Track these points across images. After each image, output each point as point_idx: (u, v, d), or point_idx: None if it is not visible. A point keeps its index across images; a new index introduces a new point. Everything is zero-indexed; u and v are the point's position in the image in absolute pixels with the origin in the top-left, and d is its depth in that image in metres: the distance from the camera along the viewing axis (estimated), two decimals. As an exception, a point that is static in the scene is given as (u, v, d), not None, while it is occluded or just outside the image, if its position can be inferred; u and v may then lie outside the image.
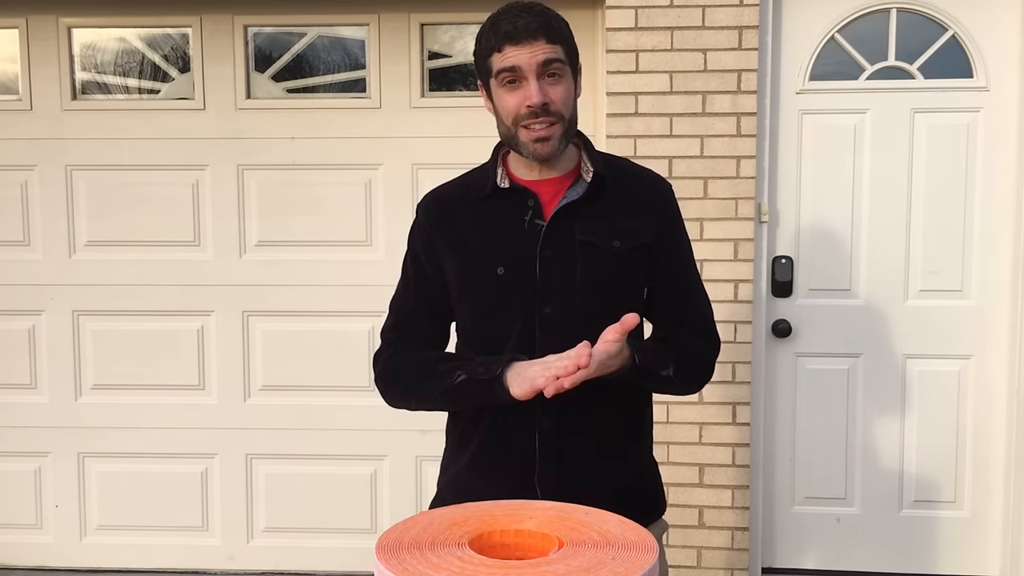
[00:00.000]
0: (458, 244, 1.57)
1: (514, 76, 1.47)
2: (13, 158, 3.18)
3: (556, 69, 1.47)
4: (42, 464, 3.28)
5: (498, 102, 1.51)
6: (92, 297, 3.20)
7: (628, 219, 1.56)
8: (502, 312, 1.53)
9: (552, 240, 1.52)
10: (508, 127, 1.51)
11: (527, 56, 1.45)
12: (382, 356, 1.64)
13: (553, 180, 1.56)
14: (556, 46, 1.47)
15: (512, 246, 1.53)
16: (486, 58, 1.50)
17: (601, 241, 1.53)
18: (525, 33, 1.45)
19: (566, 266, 1.52)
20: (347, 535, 3.22)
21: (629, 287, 1.57)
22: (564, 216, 1.53)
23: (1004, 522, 3.02)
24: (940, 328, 3.00)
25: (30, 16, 3.14)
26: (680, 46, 2.82)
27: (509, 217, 1.54)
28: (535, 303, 1.52)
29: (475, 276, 1.55)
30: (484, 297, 1.55)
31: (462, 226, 1.57)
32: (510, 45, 1.45)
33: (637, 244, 1.55)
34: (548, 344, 1.49)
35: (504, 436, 1.55)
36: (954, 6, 2.89)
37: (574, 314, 1.51)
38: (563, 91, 1.49)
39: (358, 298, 3.13)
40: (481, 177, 1.59)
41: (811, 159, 2.97)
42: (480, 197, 1.57)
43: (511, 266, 1.52)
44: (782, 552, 3.11)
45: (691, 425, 2.90)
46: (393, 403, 1.62)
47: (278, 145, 3.13)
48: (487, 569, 1.05)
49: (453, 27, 3.11)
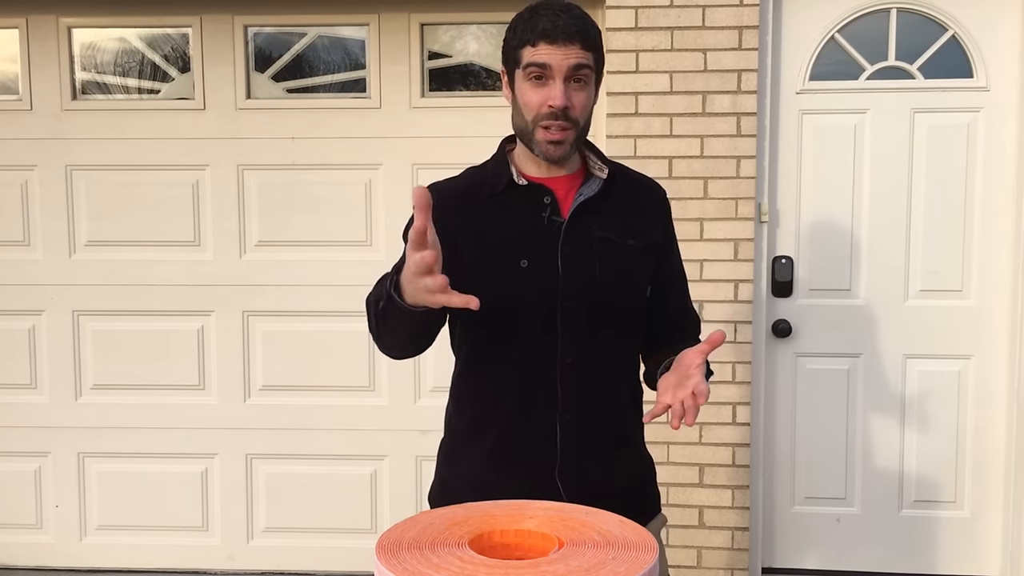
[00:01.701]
0: (477, 234, 1.55)
1: (542, 73, 1.46)
2: (13, 158, 3.18)
3: (583, 76, 1.48)
4: (42, 464, 3.28)
5: (520, 94, 1.51)
6: (92, 297, 3.20)
7: (639, 218, 1.59)
8: (523, 306, 1.53)
9: (572, 236, 1.53)
10: (526, 122, 1.51)
11: (560, 57, 1.45)
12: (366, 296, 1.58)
13: (563, 178, 1.57)
14: (589, 54, 1.47)
15: (531, 241, 1.53)
16: (517, 49, 1.49)
17: (618, 238, 1.55)
18: (564, 35, 1.44)
19: (585, 262, 1.53)
20: (347, 535, 3.22)
21: (639, 285, 1.60)
22: (581, 213, 1.55)
23: (1004, 522, 3.02)
24: (940, 328, 3.00)
25: (30, 16, 3.14)
26: (680, 46, 2.82)
27: (527, 213, 1.55)
28: (556, 297, 1.53)
29: (495, 268, 1.54)
30: (503, 289, 1.53)
31: (480, 218, 1.56)
32: (545, 43, 1.45)
33: (649, 243, 1.59)
34: (570, 338, 1.53)
35: (525, 431, 1.55)
36: (954, 6, 2.89)
37: (592, 309, 1.54)
38: (585, 99, 1.49)
39: (358, 298, 3.08)
40: (492, 174, 1.59)
41: (811, 159, 2.97)
42: (494, 193, 1.57)
43: (534, 260, 1.53)
44: (782, 552, 3.11)
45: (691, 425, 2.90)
46: (384, 351, 1.56)
47: (278, 145, 3.13)
48: (487, 569, 1.05)
49: (453, 27, 3.11)
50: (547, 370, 1.53)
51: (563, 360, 1.53)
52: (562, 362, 1.53)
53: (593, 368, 1.55)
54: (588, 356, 1.54)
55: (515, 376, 1.55)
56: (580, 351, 1.54)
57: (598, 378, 1.56)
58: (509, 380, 1.56)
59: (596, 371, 1.55)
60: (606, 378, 1.57)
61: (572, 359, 1.53)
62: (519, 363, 1.55)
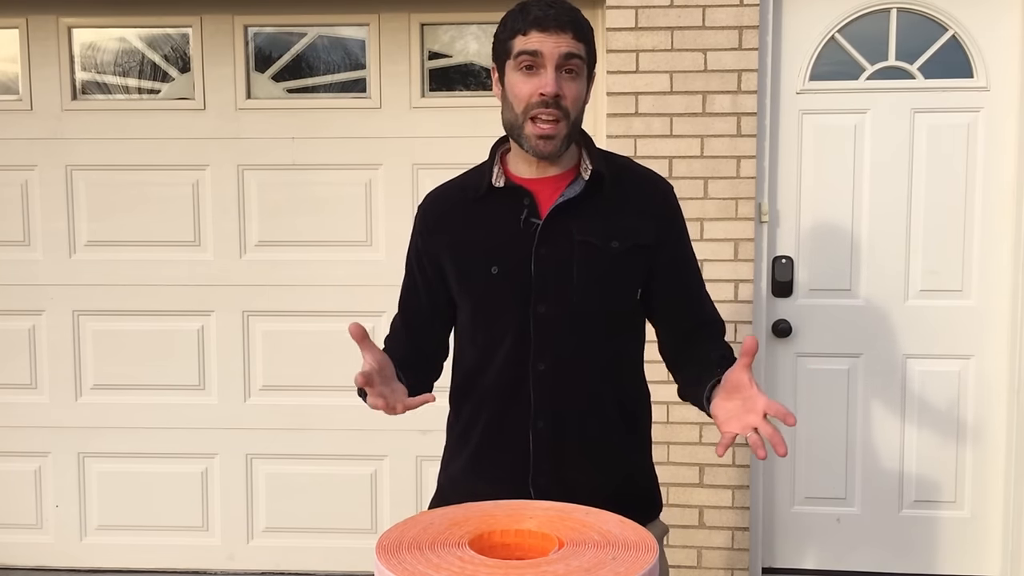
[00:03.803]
0: (456, 244, 1.57)
1: (533, 62, 1.45)
2: (13, 158, 3.18)
3: (574, 66, 1.47)
4: (42, 464, 3.28)
5: (510, 87, 1.49)
6: (92, 297, 3.20)
7: (628, 218, 1.54)
8: (497, 312, 1.53)
9: (548, 238, 1.51)
10: (516, 115, 1.48)
11: (551, 45, 1.45)
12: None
13: (552, 178, 1.55)
14: (581, 45, 1.48)
15: (508, 245, 1.52)
16: (507, 40, 1.49)
17: (599, 240, 1.51)
18: (555, 23, 1.45)
19: (562, 265, 1.50)
20: (347, 535, 3.22)
21: (624, 288, 1.56)
22: (561, 214, 1.52)
23: (1004, 522, 3.02)
24: (940, 328, 3.00)
25: (30, 16, 3.14)
26: (680, 46, 2.82)
27: (505, 216, 1.53)
28: (529, 302, 1.51)
29: (471, 276, 1.55)
30: (479, 297, 1.55)
31: (459, 226, 1.57)
32: (537, 31, 1.45)
33: (636, 244, 1.53)
34: (543, 344, 1.50)
35: (500, 437, 1.55)
36: (954, 6, 2.89)
37: (568, 314, 1.51)
38: (576, 89, 1.48)
39: (358, 298, 3.13)
40: (477, 177, 1.58)
41: (811, 159, 2.97)
42: (476, 197, 1.56)
43: (505, 265, 1.51)
44: (782, 552, 3.11)
45: (691, 425, 2.90)
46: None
47: (278, 145, 3.13)
48: (487, 569, 1.05)
49: (453, 27, 3.11)
50: (522, 376, 1.51)
51: (535, 366, 1.51)
52: (535, 368, 1.51)
53: (569, 375, 1.52)
54: (564, 363, 1.51)
55: (494, 382, 1.54)
56: (555, 357, 1.51)
57: (575, 386, 1.52)
58: (489, 386, 1.55)
59: (573, 378, 1.52)
60: (585, 385, 1.52)
61: (545, 365, 1.51)
62: (498, 369, 1.54)
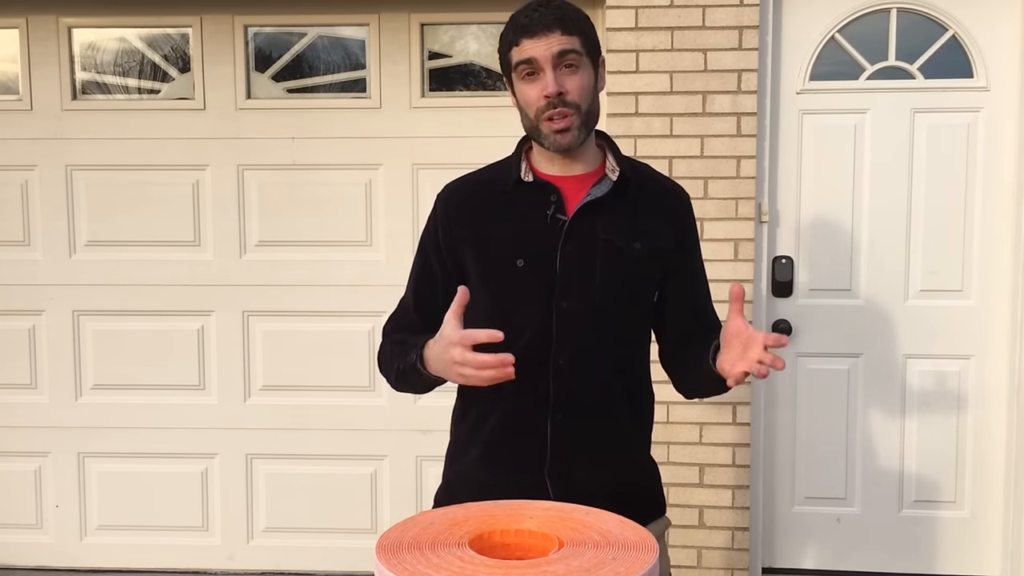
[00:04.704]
0: (480, 236, 1.58)
1: (532, 68, 1.49)
2: (13, 158, 3.18)
3: (572, 60, 1.49)
4: (42, 464, 3.28)
5: (520, 96, 1.54)
6: (92, 297, 3.20)
7: (650, 222, 1.58)
8: (520, 305, 1.55)
9: (574, 236, 1.53)
10: (531, 119, 1.53)
11: (543, 48, 1.48)
12: (381, 343, 1.68)
13: (577, 177, 1.58)
14: (572, 38, 1.49)
15: (533, 240, 1.54)
16: (506, 53, 1.54)
17: (622, 241, 1.55)
18: (540, 26, 1.48)
19: (586, 262, 1.53)
20: (347, 535, 3.22)
21: (644, 289, 1.60)
22: (587, 213, 1.55)
23: (1004, 522, 3.02)
24: (940, 328, 3.00)
25: (30, 16, 3.14)
26: (680, 46, 2.82)
27: (532, 211, 1.56)
28: (553, 297, 1.53)
29: (495, 268, 1.56)
30: (502, 289, 1.56)
31: (484, 218, 1.58)
32: (526, 38, 1.49)
33: (657, 248, 1.58)
34: (564, 338, 1.53)
35: (517, 428, 1.56)
36: (954, 6, 2.89)
37: (590, 309, 1.53)
38: (579, 81, 1.50)
39: (358, 298, 3.13)
40: (504, 171, 1.61)
41: (811, 159, 2.97)
42: (503, 191, 1.58)
43: (531, 259, 1.54)
44: (782, 552, 3.11)
45: (691, 425, 2.90)
46: (394, 388, 1.66)
47: (278, 145, 3.13)
48: (487, 569, 1.05)
49: (453, 27, 3.11)
50: (541, 369, 1.54)
51: (556, 360, 1.54)
52: (555, 362, 1.54)
53: (588, 370, 1.55)
54: (583, 358, 1.54)
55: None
56: (575, 352, 1.54)
57: (593, 380, 1.55)
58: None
59: (591, 373, 1.55)
60: (601, 381, 1.56)
61: (565, 360, 1.54)
62: (516, 362, 1.55)
